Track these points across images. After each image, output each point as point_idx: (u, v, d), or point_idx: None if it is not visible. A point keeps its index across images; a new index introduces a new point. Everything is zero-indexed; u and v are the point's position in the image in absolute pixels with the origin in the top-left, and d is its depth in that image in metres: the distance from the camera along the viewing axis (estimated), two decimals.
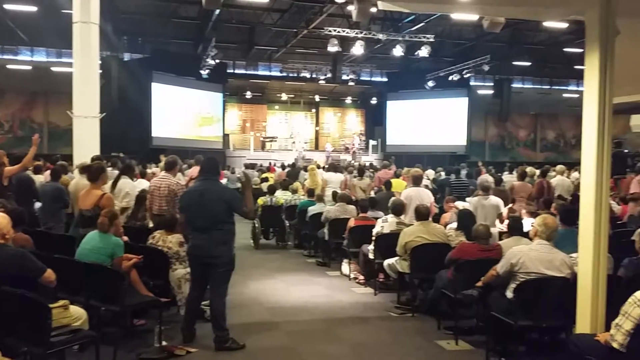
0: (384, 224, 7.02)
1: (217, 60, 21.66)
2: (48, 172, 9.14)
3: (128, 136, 20.50)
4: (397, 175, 11.75)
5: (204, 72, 22.67)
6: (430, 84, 26.26)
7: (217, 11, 18.26)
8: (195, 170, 9.56)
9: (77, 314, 4.05)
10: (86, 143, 11.22)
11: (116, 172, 7.77)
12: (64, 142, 22.90)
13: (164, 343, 4.85)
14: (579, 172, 13.16)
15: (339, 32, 19.72)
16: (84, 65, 11.35)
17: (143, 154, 18.74)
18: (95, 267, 4.70)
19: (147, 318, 5.40)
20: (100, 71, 13.81)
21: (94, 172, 5.91)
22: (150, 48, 24.16)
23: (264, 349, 5.04)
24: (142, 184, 8.69)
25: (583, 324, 4.08)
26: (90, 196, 5.66)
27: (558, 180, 10.73)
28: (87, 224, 5.38)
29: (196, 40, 24.39)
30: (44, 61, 23.92)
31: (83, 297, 4.52)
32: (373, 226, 7.44)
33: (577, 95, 29.29)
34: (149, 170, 11.44)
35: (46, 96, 26.28)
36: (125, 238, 5.49)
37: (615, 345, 3.35)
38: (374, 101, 29.86)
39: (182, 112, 24.07)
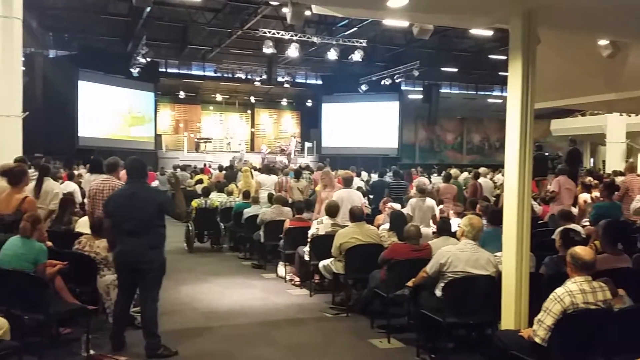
0: (319, 225, 7.08)
1: (149, 59, 21.10)
2: None
3: (53, 136, 19.59)
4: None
5: (135, 71, 22.00)
6: (364, 87, 26.74)
7: (149, 8, 17.81)
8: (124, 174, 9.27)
9: None
10: (8, 143, 10.71)
11: (37, 173, 7.41)
12: None
13: (92, 352, 4.68)
14: (502, 174, 13.83)
15: (274, 33, 19.72)
16: (6, 61, 10.84)
17: (69, 155, 17.98)
18: (17, 274, 4.46)
19: (73, 326, 5.16)
20: (24, 68, 13.18)
21: (15, 175, 5.60)
22: (78, 45, 23.15)
23: (198, 355, 4.96)
24: (70, 186, 8.36)
25: (508, 320, 4.29)
26: (11, 200, 5.36)
27: (482, 182, 11.23)
28: (8, 229, 5.10)
29: (126, 37, 23.62)
30: None
31: (4, 306, 4.28)
32: (308, 228, 7.50)
33: (501, 101, 30.68)
34: (75, 172, 11.00)
35: None
36: (49, 243, 5.24)
37: (537, 340, 3.53)
38: (309, 103, 30.03)
39: (111, 111, 23.26)
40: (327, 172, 8.81)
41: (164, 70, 26.37)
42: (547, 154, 13.77)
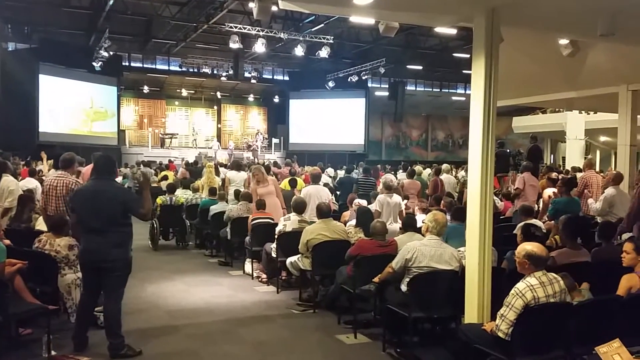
0: (287, 222, 7.08)
1: (111, 53, 20.69)
2: None
3: (13, 131, 19.05)
4: (292, 174, 11.85)
5: (97, 65, 21.54)
6: (331, 84, 26.83)
7: (111, 1, 17.45)
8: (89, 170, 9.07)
9: None
10: None
11: None
12: None
13: (53, 353, 4.56)
14: (465, 171, 14.06)
15: (240, 28, 19.57)
16: None
17: (29, 151, 17.47)
18: None
19: (34, 327, 5.03)
20: None
21: None
22: (38, 38, 22.54)
23: (163, 354, 4.89)
24: (30, 182, 8.14)
25: (471, 313, 4.37)
26: None
27: (445, 178, 11.40)
28: None
29: (88, 30, 23.08)
30: None
31: None
32: (274, 223, 7.49)
33: (464, 98, 31.22)
34: (36, 168, 10.72)
35: None
36: (7, 241, 5.10)
37: (500, 334, 3.60)
38: (276, 99, 29.93)
39: (72, 106, 22.75)
40: (258, 168, 8.86)
41: (127, 64, 25.90)
42: (508, 150, 14.05)
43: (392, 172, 15.88)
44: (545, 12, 4.78)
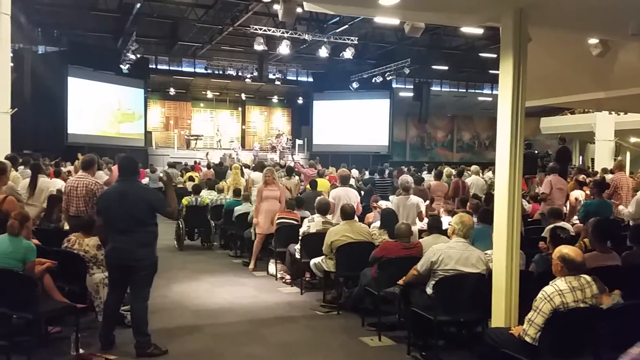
0: (310, 223, 7.08)
1: (138, 55, 20.96)
2: None
3: (42, 133, 19.48)
4: (320, 175, 11.86)
5: (124, 67, 21.84)
6: (355, 85, 26.76)
7: (138, 4, 17.70)
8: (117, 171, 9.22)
9: None
10: None
11: (28, 171, 7.36)
12: None
13: (81, 351, 4.64)
14: (492, 172, 13.87)
15: (264, 30, 19.66)
16: None
17: (58, 152, 17.82)
18: (5, 273, 4.40)
19: (62, 325, 5.13)
20: (12, 64, 13.05)
21: None
22: (67, 41, 22.95)
23: (188, 354, 4.93)
24: (57, 183, 8.28)
25: (498, 317, 4.30)
26: None
27: (473, 179, 11.26)
28: None
29: (116, 33, 23.48)
30: None
31: None
32: (298, 224, 7.49)
33: (491, 99, 30.85)
34: (64, 169, 10.90)
35: None
36: (36, 241, 5.19)
37: (528, 339, 3.54)
38: (300, 101, 29.99)
39: (100, 108, 23.10)
40: (271, 170, 8.69)
41: (154, 66, 26.23)
42: (536, 151, 13.85)
43: (419, 174, 15.75)
44: (575, 11, 4.69)
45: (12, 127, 11.10)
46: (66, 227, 6.39)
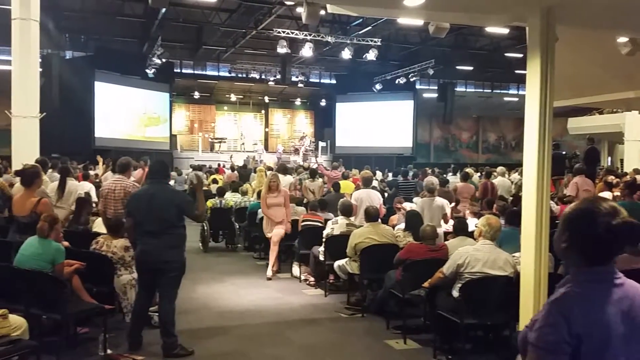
0: (334, 225, 7.07)
1: (164, 60, 21.24)
2: None
3: (70, 137, 19.81)
4: (344, 177, 11.84)
5: (150, 72, 22.18)
6: (378, 86, 26.67)
7: (164, 10, 17.93)
8: (139, 173, 9.34)
9: (16, 323, 3.88)
10: (25, 144, 10.86)
11: (56, 174, 7.49)
12: (1, 142, 21.84)
13: (109, 351, 4.70)
14: (519, 173, 13.66)
15: (288, 33, 19.74)
16: (23, 63, 10.98)
17: (85, 155, 18.14)
18: (35, 274, 4.49)
19: (91, 326, 5.21)
20: (41, 69, 13.32)
21: (28, 176, 5.61)
22: (94, 46, 23.41)
23: (214, 355, 4.97)
24: (85, 186, 8.43)
25: (526, 321, 4.20)
26: (25, 202, 5.39)
27: (499, 181, 11.12)
28: (24, 231, 5.15)
29: (142, 38, 23.84)
30: None
31: (23, 306, 4.33)
32: (322, 226, 7.49)
33: (517, 99, 30.44)
34: (92, 172, 11.11)
35: None
36: (66, 243, 5.29)
37: None
38: (323, 103, 30.02)
39: (126, 112, 23.46)
40: (275, 175, 8.43)
41: (178, 70, 26.56)
42: (564, 152, 13.61)
43: (441, 175, 15.63)
44: (603, 10, 4.60)
45: (41, 131, 11.31)
46: (94, 229, 6.49)
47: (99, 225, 6.46)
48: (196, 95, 28.52)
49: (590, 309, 1.64)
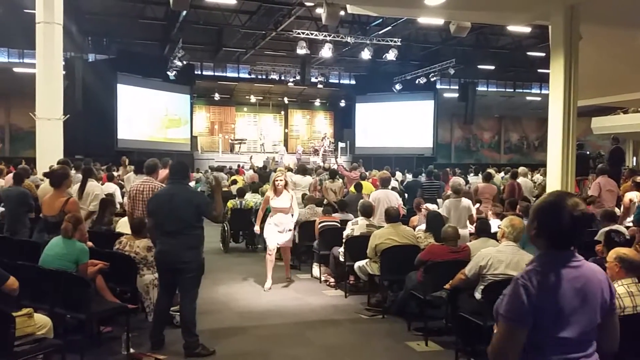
0: (354, 226, 7.04)
1: (185, 62, 21.42)
2: (9, 175, 8.88)
3: (93, 138, 20.11)
4: (362, 178, 11.79)
5: (171, 74, 22.40)
6: (398, 87, 26.55)
7: (184, 12, 18.08)
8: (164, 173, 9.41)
9: (41, 322, 3.93)
10: (49, 146, 11.03)
11: (80, 175, 7.60)
12: (26, 144, 22.30)
13: (131, 350, 4.75)
14: (541, 174, 13.42)
15: (307, 34, 19.75)
16: (47, 66, 11.15)
17: (108, 157, 18.39)
18: (59, 274, 4.56)
19: (114, 325, 5.27)
20: (64, 72, 13.55)
21: (57, 177, 5.72)
22: (116, 49, 23.72)
23: (234, 355, 4.99)
24: (109, 187, 8.54)
25: None
26: (54, 202, 5.50)
27: (521, 181, 10.96)
28: (52, 230, 5.24)
29: (163, 41, 24.09)
30: (6, 62, 23.25)
31: (48, 305, 4.40)
32: (340, 227, 7.47)
33: (539, 99, 30.02)
34: (115, 173, 11.24)
35: (8, 98, 25.49)
36: (90, 244, 5.36)
37: None
38: (342, 103, 29.99)
39: (148, 113, 23.73)
40: (283, 172, 7.96)
41: (199, 72, 26.75)
42: (588, 152, 13.37)
43: (462, 176, 15.50)
44: (629, 7, 4.52)
45: (64, 133, 11.49)
46: (118, 229, 6.57)
47: (122, 226, 6.54)
48: (216, 96, 28.71)
49: (547, 284, 1.99)
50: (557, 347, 1.99)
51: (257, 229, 7.70)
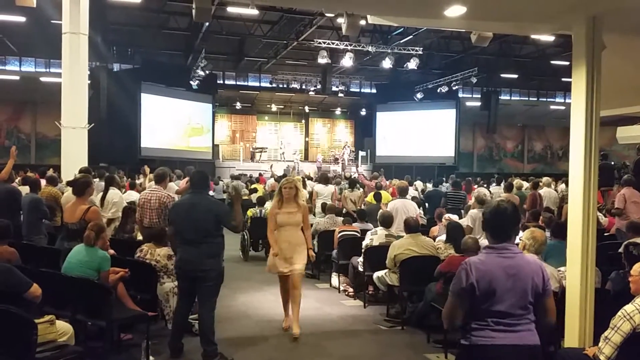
0: (373, 236, 7.02)
1: (207, 71, 21.65)
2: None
3: (116, 147, 20.41)
4: (378, 187, 11.70)
5: (194, 83, 22.66)
6: (419, 95, 26.45)
7: (207, 23, 18.30)
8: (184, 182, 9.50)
9: (63, 329, 3.99)
10: (74, 154, 11.21)
11: (102, 184, 7.71)
12: (51, 152, 22.79)
13: (151, 358, 4.80)
14: (565, 184, 13.25)
15: (328, 44, 19.84)
16: (73, 75, 11.36)
17: (131, 165, 18.66)
18: (81, 281, 4.63)
19: (134, 332, 5.31)
20: (89, 82, 13.80)
21: (79, 186, 5.83)
22: (140, 58, 24.12)
23: None
24: (132, 195, 8.64)
25: (571, 337, 4.09)
26: (76, 210, 5.59)
27: (545, 192, 10.79)
28: (72, 238, 5.32)
29: (186, 51, 24.41)
30: (33, 71, 23.80)
31: (69, 312, 4.46)
32: (360, 237, 7.44)
33: (564, 107, 29.61)
34: (138, 182, 11.37)
35: (34, 106, 26.13)
36: (112, 251, 5.43)
37: (602, 358, 3.35)
38: (363, 112, 29.99)
39: (171, 122, 24.01)
40: (291, 182, 6.00)
41: (221, 82, 27.02)
42: (612, 162, 13.14)
43: (485, 185, 15.34)
44: None
45: (89, 142, 11.69)
46: (139, 237, 6.64)
47: None
48: (238, 105, 28.96)
49: (483, 267, 2.71)
50: (493, 315, 2.66)
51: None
